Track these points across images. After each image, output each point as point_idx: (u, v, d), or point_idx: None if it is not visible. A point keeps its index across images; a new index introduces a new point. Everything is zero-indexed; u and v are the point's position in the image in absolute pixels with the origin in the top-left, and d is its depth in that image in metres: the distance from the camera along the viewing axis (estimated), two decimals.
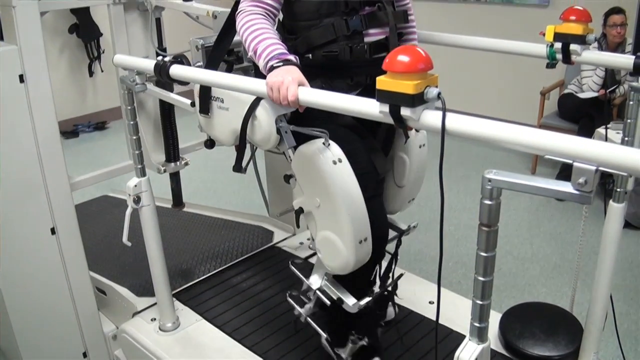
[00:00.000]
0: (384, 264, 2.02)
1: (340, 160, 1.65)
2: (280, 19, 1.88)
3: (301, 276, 1.96)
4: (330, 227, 1.70)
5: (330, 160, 1.63)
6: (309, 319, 1.98)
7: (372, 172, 1.85)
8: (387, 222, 1.99)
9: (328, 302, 1.88)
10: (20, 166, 2.21)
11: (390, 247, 2.03)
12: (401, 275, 2.10)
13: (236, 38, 1.85)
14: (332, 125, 1.72)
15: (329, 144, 1.64)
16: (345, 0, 1.75)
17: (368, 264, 1.79)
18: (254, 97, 1.69)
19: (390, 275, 2.03)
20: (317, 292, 1.89)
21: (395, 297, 2.10)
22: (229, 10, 1.92)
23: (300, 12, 1.80)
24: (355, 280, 1.87)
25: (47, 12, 2.32)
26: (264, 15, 1.71)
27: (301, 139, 1.70)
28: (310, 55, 1.79)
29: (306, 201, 1.75)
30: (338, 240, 1.68)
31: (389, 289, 2.05)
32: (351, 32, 1.77)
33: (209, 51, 2.02)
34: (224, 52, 1.99)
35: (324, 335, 1.95)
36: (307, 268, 1.97)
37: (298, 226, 1.84)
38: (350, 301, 1.82)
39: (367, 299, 1.85)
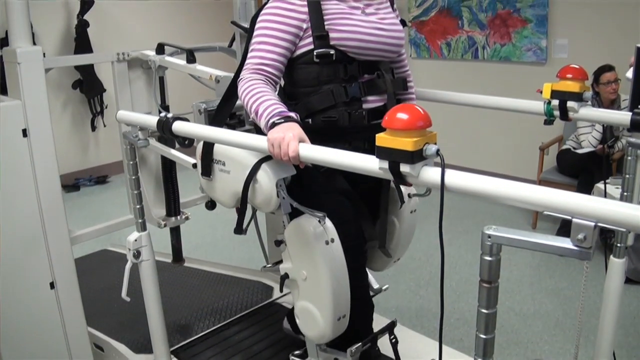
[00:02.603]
0: None
1: (332, 240, 1.71)
2: (282, 85, 1.92)
3: None
4: (313, 300, 1.77)
5: (323, 240, 1.69)
6: None
7: (361, 244, 1.92)
8: (369, 293, 2.04)
9: None
10: (21, 219, 2.22)
11: None
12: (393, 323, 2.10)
13: (238, 102, 1.88)
14: (328, 191, 1.79)
15: (324, 223, 1.69)
16: (344, 69, 1.80)
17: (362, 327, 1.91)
18: (255, 161, 1.71)
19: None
20: None
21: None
22: (231, 75, 1.96)
23: (300, 79, 1.84)
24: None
25: (51, 68, 2.36)
26: (265, 82, 1.75)
27: (302, 202, 1.72)
28: (310, 120, 1.82)
29: (293, 270, 1.80)
30: (318, 314, 1.75)
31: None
32: (350, 98, 1.80)
33: (211, 115, 2.06)
34: (227, 115, 2.02)
35: None
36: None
37: (281, 290, 1.90)
38: (343, 357, 1.87)
39: (357, 345, 1.87)
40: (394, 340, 2.05)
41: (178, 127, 1.84)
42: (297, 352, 2.02)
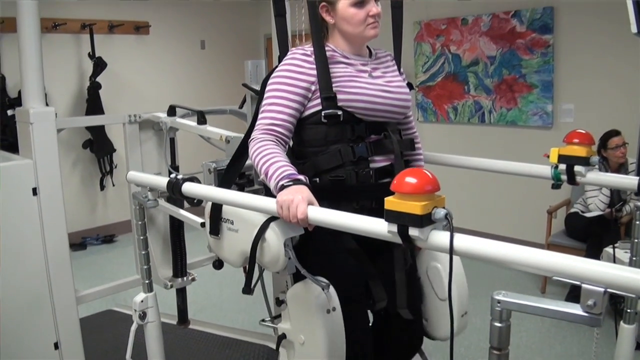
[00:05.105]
0: None
1: (334, 309, 1.71)
2: (290, 145, 1.94)
3: None
4: None
5: (325, 308, 1.69)
6: None
7: (362, 300, 1.90)
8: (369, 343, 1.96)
9: None
10: (27, 278, 2.22)
11: None
12: None
13: (248, 162, 1.91)
14: (335, 251, 1.79)
15: (327, 291, 1.69)
16: (351, 129, 1.83)
17: None
18: (263, 220, 1.72)
19: None
20: None
21: None
22: (241, 135, 1.99)
23: (308, 139, 1.87)
24: None
25: (63, 129, 2.40)
26: (275, 142, 1.78)
27: (305, 260, 1.72)
28: (318, 179, 1.84)
29: (291, 332, 1.80)
30: None
31: None
32: (357, 158, 1.83)
33: (221, 174, 2.08)
34: (236, 175, 2.04)
35: None
36: None
37: (277, 350, 1.88)
38: None
39: None
40: None
41: (188, 188, 1.86)
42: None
